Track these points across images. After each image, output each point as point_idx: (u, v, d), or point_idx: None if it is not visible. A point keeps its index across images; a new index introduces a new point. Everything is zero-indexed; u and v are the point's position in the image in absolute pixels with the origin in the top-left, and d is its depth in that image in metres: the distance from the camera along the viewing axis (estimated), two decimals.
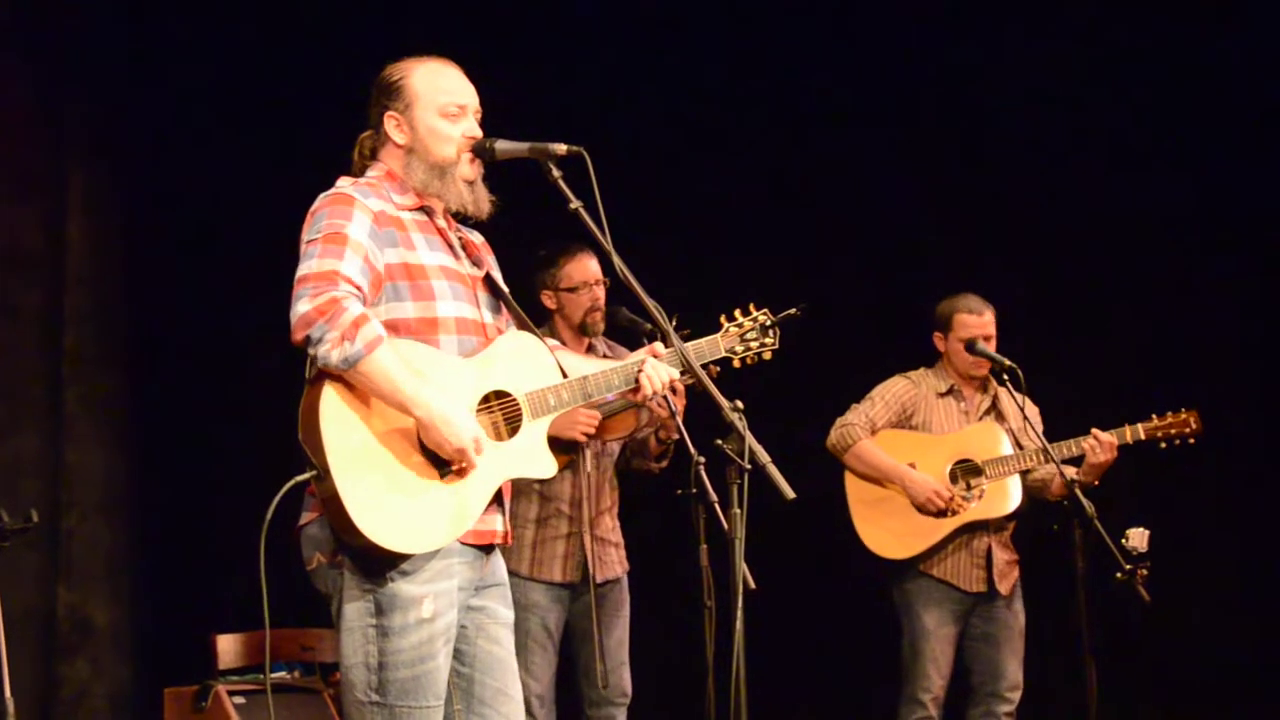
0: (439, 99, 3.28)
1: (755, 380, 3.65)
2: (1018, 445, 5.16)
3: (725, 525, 3.17)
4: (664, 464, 4.85)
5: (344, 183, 3.26)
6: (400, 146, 3.30)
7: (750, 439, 3.14)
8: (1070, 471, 5.03)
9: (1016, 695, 5.20)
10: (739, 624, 3.12)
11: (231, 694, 5.00)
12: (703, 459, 3.23)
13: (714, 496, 3.19)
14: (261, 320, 3.80)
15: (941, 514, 5.14)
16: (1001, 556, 5.21)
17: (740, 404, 3.20)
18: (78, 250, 5.97)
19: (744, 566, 3.13)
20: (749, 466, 3.14)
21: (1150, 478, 5.55)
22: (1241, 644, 6.11)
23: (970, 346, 5.18)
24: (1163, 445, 5.11)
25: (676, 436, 4.59)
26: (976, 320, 5.23)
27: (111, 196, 6.12)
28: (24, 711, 4.73)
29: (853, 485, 5.28)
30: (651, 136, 6.42)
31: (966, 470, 5.20)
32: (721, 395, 3.20)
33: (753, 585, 3.12)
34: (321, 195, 3.22)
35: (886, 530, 5.21)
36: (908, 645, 5.21)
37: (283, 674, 5.24)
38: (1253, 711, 6.01)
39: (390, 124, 3.30)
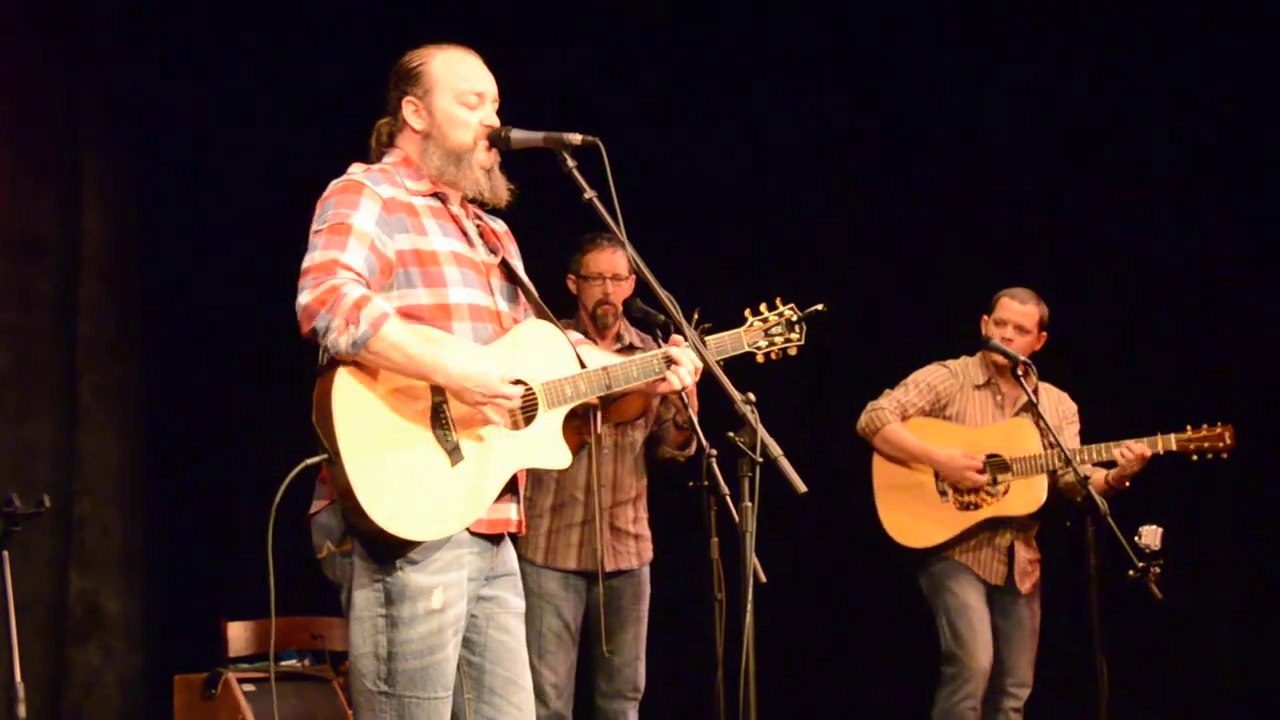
0: (458, 85, 3.29)
1: (774, 375, 3.64)
2: (1051, 445, 5.11)
3: (736, 518, 3.17)
4: (689, 451, 4.81)
5: (356, 169, 3.26)
6: (418, 132, 3.30)
7: (762, 432, 3.13)
8: (1100, 474, 5.02)
9: (1024, 693, 5.19)
10: (749, 617, 3.11)
11: (241, 681, 5.00)
12: (714, 451, 3.23)
13: (725, 489, 3.19)
14: (276, 308, 3.80)
15: (973, 491, 5.11)
16: (1024, 555, 5.19)
17: (753, 397, 3.19)
18: (93, 239, 5.97)
19: (754, 560, 3.13)
20: (760, 460, 3.13)
21: (1164, 476, 5.53)
22: (1254, 644, 6.09)
23: (986, 342, 5.17)
24: (1194, 458, 5.06)
25: (685, 421, 4.59)
26: (1017, 308, 5.19)
27: (127, 186, 6.13)
28: (35, 697, 4.75)
29: (879, 471, 5.26)
30: (673, 130, 6.42)
31: (995, 465, 5.16)
32: (734, 388, 3.19)
33: (763, 578, 3.12)
34: (332, 183, 3.22)
35: (910, 518, 5.19)
36: (945, 625, 5.16)
37: (292, 662, 5.23)
38: (1264, 712, 5.99)
39: (408, 109, 3.30)
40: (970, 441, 5.19)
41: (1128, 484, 5.03)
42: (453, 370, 3.06)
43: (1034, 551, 5.24)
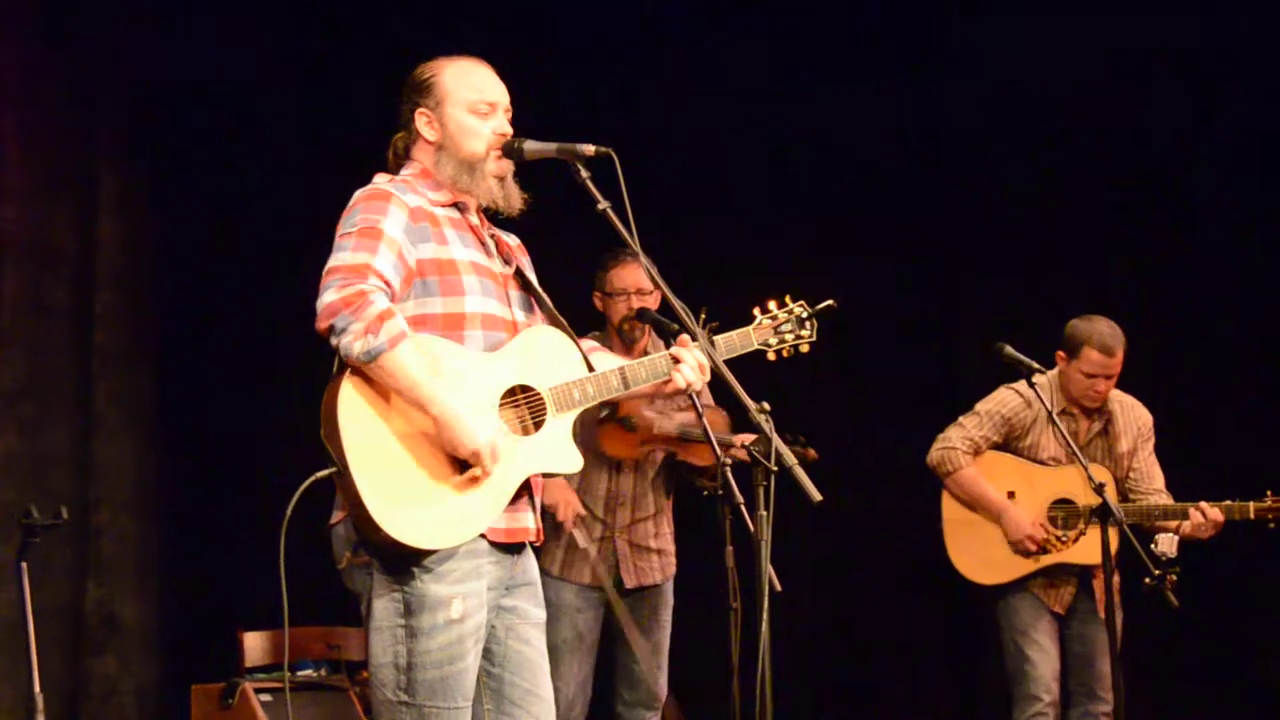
0: (469, 96, 3.31)
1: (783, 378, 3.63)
2: (1122, 480, 5.01)
3: (751, 527, 3.16)
4: (717, 484, 4.80)
5: (381, 179, 3.29)
6: (431, 143, 3.32)
7: (777, 441, 3.13)
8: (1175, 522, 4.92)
9: (1111, 696, 5.08)
10: (764, 626, 3.10)
11: (258, 691, 5.00)
12: (729, 460, 3.22)
13: (740, 498, 3.18)
14: (291, 318, 3.81)
15: (1033, 555, 5.04)
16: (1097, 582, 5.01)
17: (767, 406, 3.18)
18: (109, 248, 5.99)
19: (770, 568, 3.12)
20: (775, 468, 3.12)
21: (1180, 482, 5.51)
22: (1271, 650, 6.07)
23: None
24: (1271, 525, 4.92)
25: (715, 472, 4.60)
26: (1104, 361, 4.97)
27: (143, 195, 6.14)
28: (52, 707, 4.75)
29: (949, 504, 5.17)
30: (685, 136, 6.42)
31: (1067, 512, 5.07)
32: (749, 397, 3.18)
33: (778, 587, 3.11)
34: (359, 191, 3.24)
35: (977, 556, 5.10)
36: (1011, 644, 5.07)
37: (309, 672, 5.25)
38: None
39: (421, 121, 3.32)
40: (1043, 482, 5.08)
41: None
42: (448, 410, 3.05)
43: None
